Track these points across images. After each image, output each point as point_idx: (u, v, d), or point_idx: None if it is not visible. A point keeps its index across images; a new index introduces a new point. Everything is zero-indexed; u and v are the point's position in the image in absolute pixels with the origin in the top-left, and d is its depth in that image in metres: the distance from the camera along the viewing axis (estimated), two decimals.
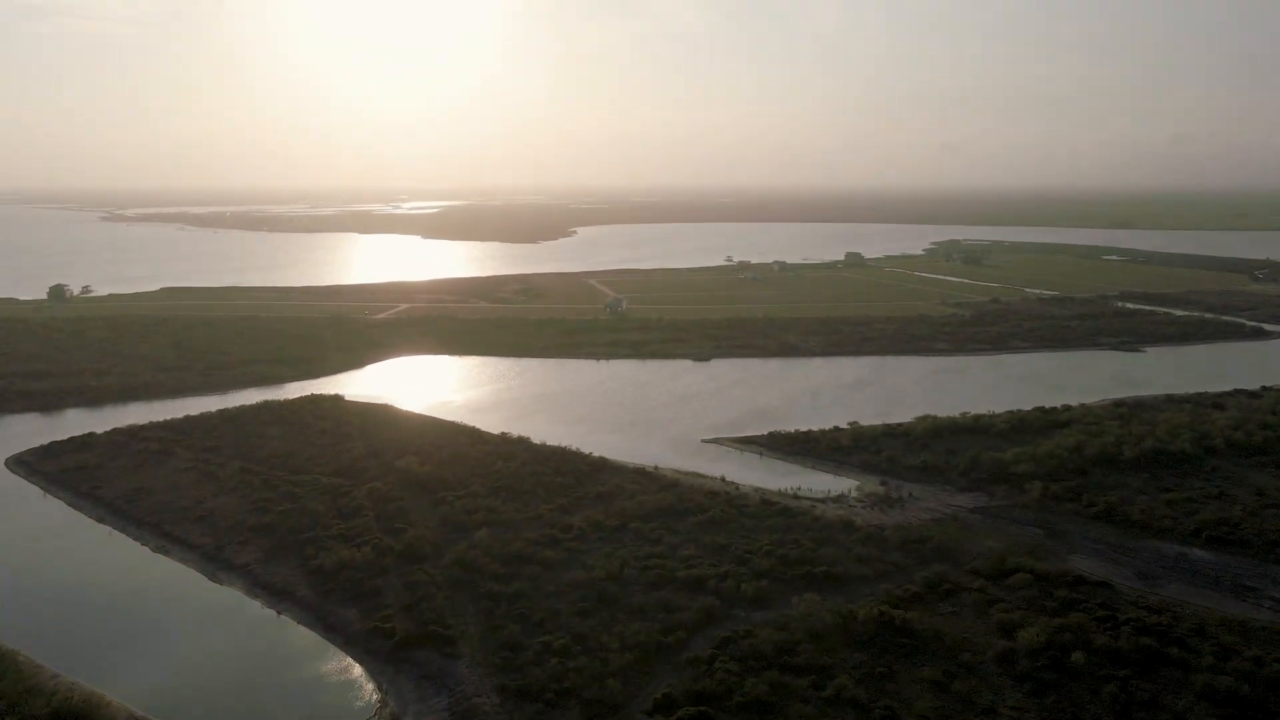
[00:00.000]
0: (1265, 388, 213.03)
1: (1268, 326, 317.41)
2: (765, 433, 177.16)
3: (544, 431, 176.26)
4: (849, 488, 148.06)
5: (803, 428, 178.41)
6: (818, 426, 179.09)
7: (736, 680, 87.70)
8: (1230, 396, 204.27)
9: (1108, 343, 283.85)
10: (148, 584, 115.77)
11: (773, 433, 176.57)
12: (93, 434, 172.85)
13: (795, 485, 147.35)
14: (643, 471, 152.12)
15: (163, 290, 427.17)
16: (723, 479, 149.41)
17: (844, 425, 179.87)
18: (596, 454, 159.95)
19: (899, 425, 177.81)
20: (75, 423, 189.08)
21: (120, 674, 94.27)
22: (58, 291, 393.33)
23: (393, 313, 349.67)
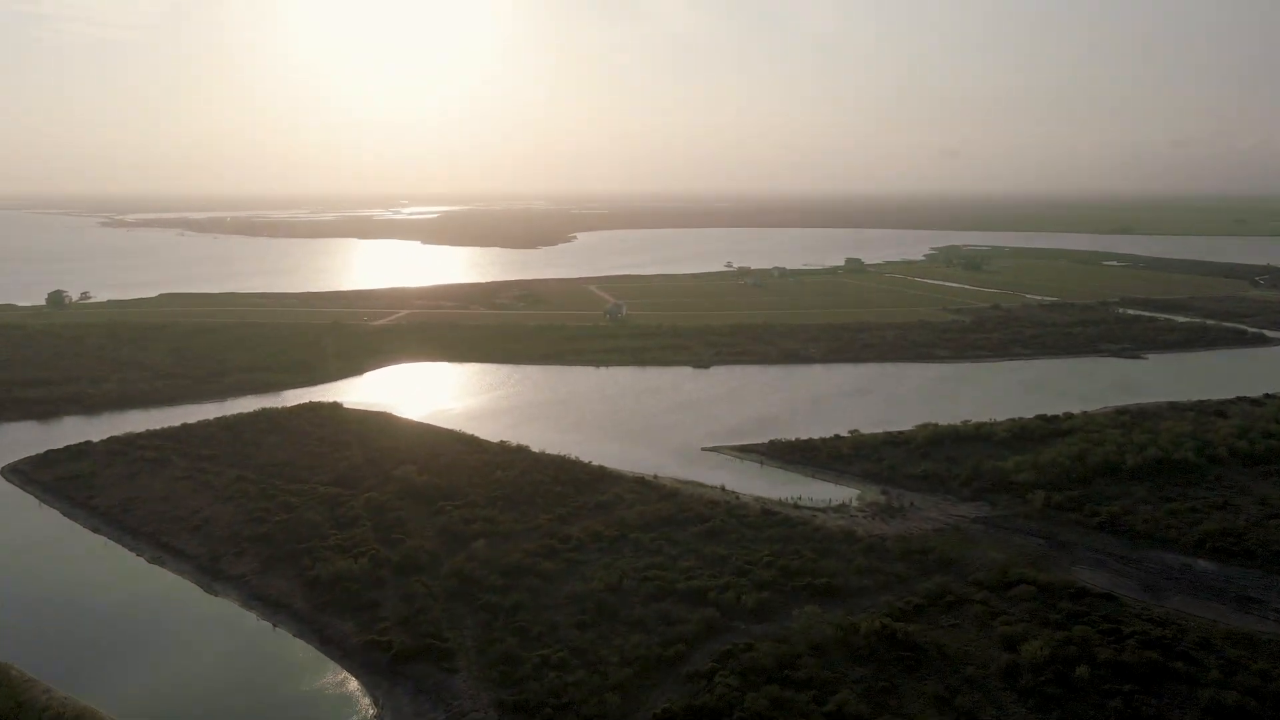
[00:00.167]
0: (1268, 395, 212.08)
1: (1269, 333, 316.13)
2: (766, 441, 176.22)
3: (543, 439, 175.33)
4: (850, 497, 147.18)
5: (803, 435, 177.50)
6: (818, 434, 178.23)
7: (737, 695, 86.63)
8: (1233, 404, 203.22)
9: (1109, 349, 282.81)
10: (142, 595, 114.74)
11: (773, 441, 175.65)
12: (89, 442, 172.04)
13: (796, 494, 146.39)
14: (642, 480, 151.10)
15: (162, 296, 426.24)
16: (723, 488, 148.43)
17: (845, 433, 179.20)
18: (596, 462, 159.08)
19: (900, 433, 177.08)
20: (72, 431, 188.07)
21: (114, 687, 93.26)
22: (56, 298, 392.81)
23: (392, 319, 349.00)
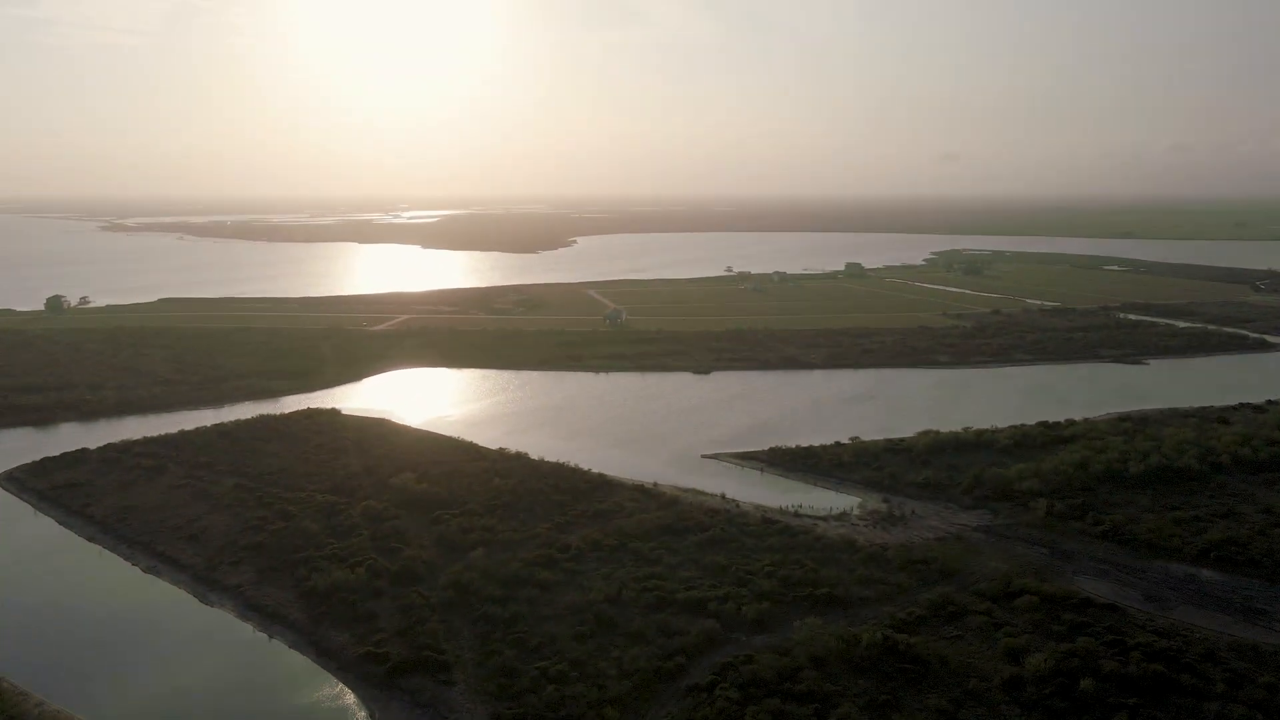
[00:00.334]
0: (1270, 401, 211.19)
1: (1270, 338, 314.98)
2: (766, 448, 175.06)
3: (542, 446, 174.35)
4: (851, 505, 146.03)
5: (804, 443, 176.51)
6: (819, 441, 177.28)
7: (737, 709, 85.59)
8: (1235, 410, 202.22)
9: (1110, 355, 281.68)
10: (137, 606, 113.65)
11: (774, 448, 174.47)
12: (85, 450, 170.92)
13: (796, 502, 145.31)
14: (642, 488, 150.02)
15: (160, 301, 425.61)
16: (723, 496, 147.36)
17: (845, 440, 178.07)
18: (595, 470, 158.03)
19: (901, 440, 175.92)
20: (69, 437, 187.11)
21: (107, 701, 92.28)
22: (55, 303, 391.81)
23: (391, 324, 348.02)
